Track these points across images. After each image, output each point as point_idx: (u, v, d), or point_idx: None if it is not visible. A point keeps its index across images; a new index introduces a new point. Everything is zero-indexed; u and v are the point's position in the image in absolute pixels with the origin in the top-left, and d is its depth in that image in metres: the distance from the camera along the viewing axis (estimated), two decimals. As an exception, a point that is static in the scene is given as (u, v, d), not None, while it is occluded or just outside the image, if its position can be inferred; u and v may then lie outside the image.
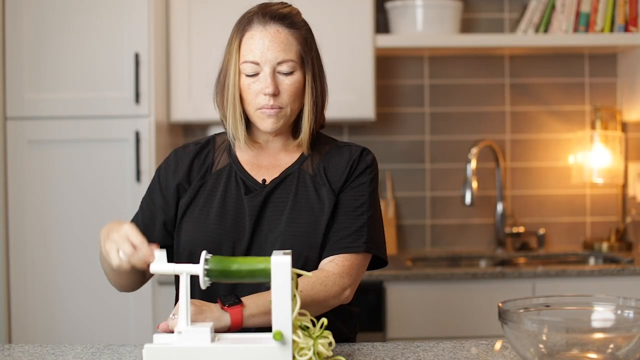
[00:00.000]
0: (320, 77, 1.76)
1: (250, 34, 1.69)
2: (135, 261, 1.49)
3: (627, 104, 3.39)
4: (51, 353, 1.60)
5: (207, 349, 1.43)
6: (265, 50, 1.68)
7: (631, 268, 2.88)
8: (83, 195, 2.87)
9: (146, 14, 2.87)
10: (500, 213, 3.39)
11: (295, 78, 1.70)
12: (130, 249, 1.49)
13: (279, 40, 1.68)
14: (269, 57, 1.68)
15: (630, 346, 1.35)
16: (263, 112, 1.70)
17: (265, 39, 1.68)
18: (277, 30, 1.69)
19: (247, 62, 1.69)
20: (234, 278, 1.46)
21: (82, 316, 2.86)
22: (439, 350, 1.58)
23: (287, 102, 1.70)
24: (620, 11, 3.22)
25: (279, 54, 1.68)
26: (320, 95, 1.76)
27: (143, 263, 1.49)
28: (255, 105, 1.70)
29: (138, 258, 1.49)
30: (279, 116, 1.71)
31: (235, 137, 1.75)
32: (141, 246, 1.49)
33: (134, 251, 1.49)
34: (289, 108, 1.71)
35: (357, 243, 1.70)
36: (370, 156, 1.80)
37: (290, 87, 1.70)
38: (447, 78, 3.45)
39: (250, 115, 1.74)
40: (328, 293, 1.64)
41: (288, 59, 1.69)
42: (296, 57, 1.70)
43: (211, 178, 1.77)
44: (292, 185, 1.74)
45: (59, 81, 2.88)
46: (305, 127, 1.75)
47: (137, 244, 1.49)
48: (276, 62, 1.68)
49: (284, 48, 1.68)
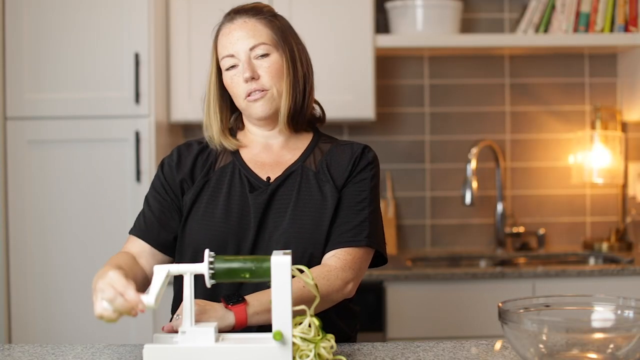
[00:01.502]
0: (301, 60, 1.79)
1: (222, 32, 1.78)
2: (119, 306, 1.37)
3: (627, 104, 3.39)
4: (51, 353, 1.60)
5: (206, 349, 1.43)
6: (235, 41, 1.75)
7: (631, 268, 2.88)
8: (83, 195, 2.87)
9: (146, 14, 2.87)
10: (500, 213, 3.39)
11: (272, 59, 1.75)
12: (112, 293, 1.37)
13: (247, 29, 1.75)
14: (241, 46, 1.74)
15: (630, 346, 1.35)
16: (249, 99, 1.74)
17: (234, 31, 1.75)
18: (244, 21, 1.76)
19: (224, 58, 1.76)
20: (238, 277, 1.45)
21: (82, 316, 2.86)
22: (439, 350, 1.58)
23: (270, 84, 1.74)
24: (620, 11, 3.22)
25: (250, 40, 1.74)
26: (303, 78, 1.78)
27: (129, 310, 1.37)
28: (242, 94, 1.75)
29: (121, 303, 1.36)
30: (267, 99, 1.74)
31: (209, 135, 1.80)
32: (125, 289, 1.37)
33: (116, 295, 1.37)
34: (275, 89, 1.75)
35: (358, 237, 1.71)
36: (371, 153, 1.82)
37: (269, 68, 1.74)
38: (447, 78, 3.45)
39: (242, 108, 1.78)
40: (331, 287, 1.65)
41: (259, 43, 1.74)
42: (268, 40, 1.75)
43: (214, 175, 1.78)
44: (295, 183, 1.75)
45: (59, 81, 2.88)
46: (282, 109, 1.76)
47: (121, 289, 1.37)
48: (248, 49, 1.74)
49: (253, 34, 1.75)
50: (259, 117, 1.76)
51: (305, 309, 1.46)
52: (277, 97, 1.75)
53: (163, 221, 1.76)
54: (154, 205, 1.79)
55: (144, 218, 1.78)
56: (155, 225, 1.76)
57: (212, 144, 1.81)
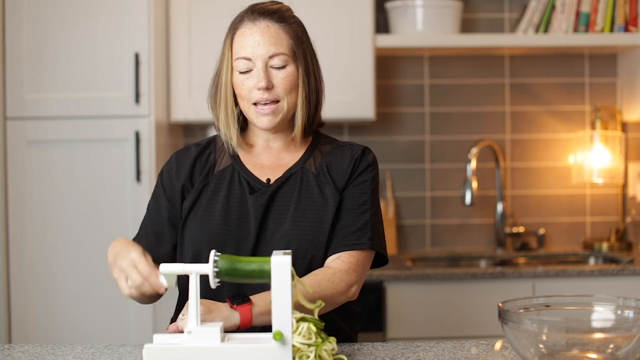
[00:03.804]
0: (314, 72, 1.77)
1: (241, 32, 1.73)
2: (144, 290, 1.49)
3: (627, 104, 3.39)
4: (51, 353, 1.60)
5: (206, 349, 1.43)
6: (256, 45, 1.70)
7: (631, 268, 2.88)
8: (83, 195, 2.87)
9: (146, 14, 2.87)
10: (500, 213, 3.39)
11: (288, 71, 1.72)
12: (139, 279, 1.48)
13: (269, 35, 1.71)
14: (260, 51, 1.70)
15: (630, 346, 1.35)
16: (258, 110, 1.72)
17: (256, 34, 1.71)
18: (267, 25, 1.72)
19: (239, 59, 1.72)
20: (242, 277, 1.45)
21: (82, 316, 2.86)
22: (439, 350, 1.58)
23: (282, 95, 1.72)
24: (620, 11, 3.22)
25: (270, 47, 1.70)
26: (315, 90, 1.77)
27: (153, 292, 1.49)
28: (250, 100, 1.72)
29: (147, 287, 1.49)
30: (276, 112, 1.72)
31: (227, 137, 1.77)
32: (150, 276, 1.48)
33: (142, 281, 1.48)
34: (285, 101, 1.73)
35: (361, 240, 1.71)
36: (371, 155, 1.82)
37: (284, 80, 1.71)
38: (447, 78, 3.45)
39: (246, 112, 1.75)
40: (335, 290, 1.65)
41: (279, 52, 1.71)
42: (288, 51, 1.72)
43: (214, 178, 1.78)
44: (296, 184, 1.75)
45: (59, 81, 2.88)
46: (298, 121, 1.76)
47: (146, 274, 1.48)
48: (267, 56, 1.70)
49: (274, 42, 1.71)
50: (264, 128, 1.75)
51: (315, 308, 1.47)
52: (286, 111, 1.74)
53: (160, 235, 1.77)
54: (154, 217, 1.80)
55: (144, 231, 1.80)
56: (153, 240, 1.77)
57: (229, 146, 1.79)
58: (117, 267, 1.51)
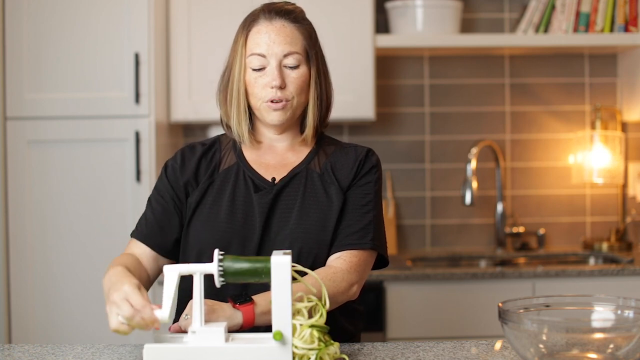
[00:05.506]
0: (324, 74, 1.80)
1: (257, 29, 1.74)
2: (135, 324, 1.39)
3: (627, 104, 3.39)
4: (51, 353, 1.60)
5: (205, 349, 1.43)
6: (271, 43, 1.71)
7: (631, 268, 2.88)
8: (83, 195, 2.87)
9: (146, 14, 2.87)
10: (500, 213, 3.39)
11: (301, 72, 1.74)
12: (129, 311, 1.39)
13: (285, 34, 1.72)
14: (275, 50, 1.71)
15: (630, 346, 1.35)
16: (269, 106, 1.73)
17: (272, 32, 1.72)
18: (283, 24, 1.73)
19: (254, 55, 1.72)
20: (247, 277, 1.45)
21: (82, 316, 2.86)
22: (439, 350, 1.58)
23: (294, 95, 1.73)
24: (620, 11, 3.22)
25: (285, 46, 1.72)
26: (325, 91, 1.79)
27: (144, 326, 1.39)
28: (262, 98, 1.73)
29: (138, 321, 1.39)
30: (286, 109, 1.74)
31: (238, 133, 1.77)
32: (143, 309, 1.39)
33: (134, 313, 1.39)
34: (296, 100, 1.74)
35: (364, 240, 1.72)
36: (375, 157, 1.83)
37: (297, 80, 1.73)
38: (447, 78, 3.45)
39: (256, 108, 1.76)
40: (337, 289, 1.65)
41: (294, 52, 1.72)
42: (301, 51, 1.74)
43: (219, 177, 1.78)
44: (300, 184, 1.76)
45: (59, 81, 2.88)
46: (309, 121, 1.77)
47: (139, 307, 1.39)
48: (282, 55, 1.72)
49: (290, 41, 1.72)
50: (274, 124, 1.76)
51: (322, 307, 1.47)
52: (295, 108, 1.75)
53: (164, 225, 1.76)
54: (157, 208, 1.78)
55: (145, 221, 1.78)
56: (156, 229, 1.76)
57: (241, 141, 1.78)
58: (109, 301, 1.43)
